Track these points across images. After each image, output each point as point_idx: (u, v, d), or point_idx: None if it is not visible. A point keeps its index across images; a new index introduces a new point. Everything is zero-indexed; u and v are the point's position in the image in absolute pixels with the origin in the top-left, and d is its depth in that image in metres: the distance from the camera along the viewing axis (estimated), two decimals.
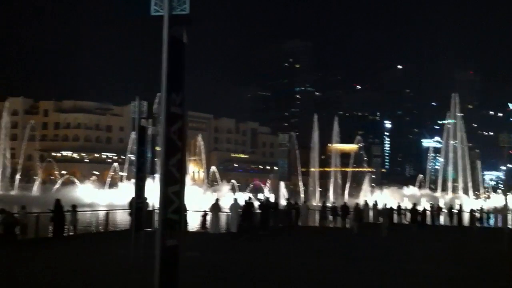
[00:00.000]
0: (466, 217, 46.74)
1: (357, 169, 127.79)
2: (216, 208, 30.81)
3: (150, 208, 28.08)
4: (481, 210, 50.36)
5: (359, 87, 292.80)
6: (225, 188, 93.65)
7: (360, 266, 18.87)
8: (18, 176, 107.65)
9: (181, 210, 10.38)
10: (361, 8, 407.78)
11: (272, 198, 45.86)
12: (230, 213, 31.85)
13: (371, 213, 42.72)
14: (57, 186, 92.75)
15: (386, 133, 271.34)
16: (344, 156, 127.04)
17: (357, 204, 39.42)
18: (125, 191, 64.62)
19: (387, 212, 38.66)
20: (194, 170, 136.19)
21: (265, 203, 36.76)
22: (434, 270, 18.46)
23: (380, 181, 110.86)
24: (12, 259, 18.88)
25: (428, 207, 48.72)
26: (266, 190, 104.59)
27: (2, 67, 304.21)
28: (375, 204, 43.57)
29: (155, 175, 22.61)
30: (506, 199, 30.64)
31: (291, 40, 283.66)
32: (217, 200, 32.00)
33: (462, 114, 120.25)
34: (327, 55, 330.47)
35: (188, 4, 9.48)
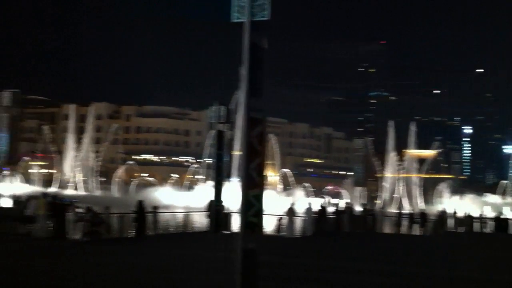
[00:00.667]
0: None
1: (435, 176, 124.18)
2: (291, 212, 30.94)
3: (226, 211, 28.63)
4: None
5: (437, 91, 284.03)
6: (299, 192, 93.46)
7: (440, 273, 18.42)
8: (101, 178, 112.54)
9: (261, 213, 10.58)
10: (438, 11, 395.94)
11: (343, 204, 45.50)
12: (305, 217, 31.96)
13: (450, 221, 41.52)
14: (136, 188, 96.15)
15: (466, 139, 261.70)
16: (421, 162, 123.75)
17: (441, 211, 38.63)
18: (202, 193, 65.90)
19: (468, 220, 37.46)
20: (268, 174, 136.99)
21: (338, 208, 36.63)
22: None
23: (460, 188, 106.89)
24: (99, 256, 19.85)
25: (511, 216, 46.72)
26: (341, 195, 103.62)
27: (88, 73, 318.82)
28: (455, 212, 42.31)
29: (231, 178, 23.00)
30: None
31: (366, 44, 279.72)
32: (292, 204, 32.13)
33: None
34: (403, 59, 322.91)
35: (269, 10, 9.60)
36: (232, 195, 22.53)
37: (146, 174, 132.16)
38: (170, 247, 23.59)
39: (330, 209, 36.49)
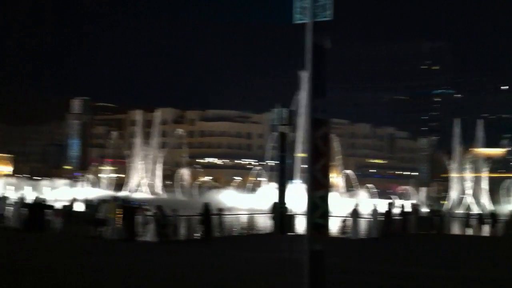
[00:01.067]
0: None
1: (504, 175, 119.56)
2: (355, 213, 30.66)
3: (290, 213, 28.66)
4: None
5: (505, 87, 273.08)
6: (362, 193, 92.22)
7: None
8: (166, 181, 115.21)
9: (327, 215, 10.57)
10: (502, 4, 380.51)
11: (409, 205, 44.54)
12: (370, 219, 31.58)
13: None
14: (200, 190, 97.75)
15: None
16: (489, 161, 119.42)
17: None
18: (265, 195, 66.12)
19: None
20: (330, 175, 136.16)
21: (404, 210, 35.97)
22: None
23: None
24: (170, 257, 20.44)
25: None
26: (406, 196, 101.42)
27: (153, 80, 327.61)
28: None
29: (293, 180, 22.99)
30: None
31: (429, 41, 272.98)
32: (356, 205, 31.80)
33: None
34: (468, 55, 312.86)
35: (331, 11, 9.56)
36: (295, 196, 22.60)
37: (210, 177, 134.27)
38: (236, 249, 23.91)
39: (396, 210, 35.82)
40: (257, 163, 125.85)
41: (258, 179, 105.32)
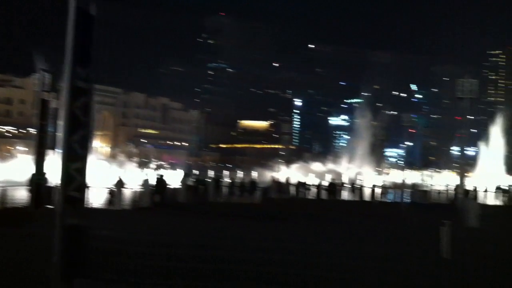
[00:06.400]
0: (367, 192, 48.98)
1: (267, 146, 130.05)
2: (120, 184, 30.84)
3: (49, 185, 27.09)
4: (383, 186, 53.88)
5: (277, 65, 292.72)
6: (130, 163, 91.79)
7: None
8: None
9: (83, 188, 10.05)
10: None
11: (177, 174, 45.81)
12: (141, 189, 32.02)
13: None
14: None
15: (296, 111, 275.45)
16: (256, 134, 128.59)
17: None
18: (23, 166, 61.63)
19: None
20: (102, 145, 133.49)
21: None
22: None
23: (290, 158, 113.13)
24: None
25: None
26: (175, 166, 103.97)
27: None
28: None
29: (55, 150, 21.72)
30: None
31: (210, 16, 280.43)
32: (120, 176, 31.98)
33: (369, 94, 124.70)
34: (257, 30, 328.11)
35: None
36: (56, 167, 21.36)
37: None
38: None
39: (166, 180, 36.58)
40: (17, 131, 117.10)
41: (17, 148, 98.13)
